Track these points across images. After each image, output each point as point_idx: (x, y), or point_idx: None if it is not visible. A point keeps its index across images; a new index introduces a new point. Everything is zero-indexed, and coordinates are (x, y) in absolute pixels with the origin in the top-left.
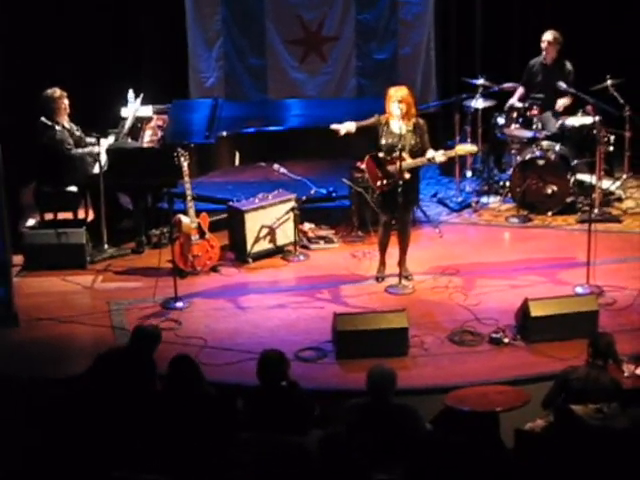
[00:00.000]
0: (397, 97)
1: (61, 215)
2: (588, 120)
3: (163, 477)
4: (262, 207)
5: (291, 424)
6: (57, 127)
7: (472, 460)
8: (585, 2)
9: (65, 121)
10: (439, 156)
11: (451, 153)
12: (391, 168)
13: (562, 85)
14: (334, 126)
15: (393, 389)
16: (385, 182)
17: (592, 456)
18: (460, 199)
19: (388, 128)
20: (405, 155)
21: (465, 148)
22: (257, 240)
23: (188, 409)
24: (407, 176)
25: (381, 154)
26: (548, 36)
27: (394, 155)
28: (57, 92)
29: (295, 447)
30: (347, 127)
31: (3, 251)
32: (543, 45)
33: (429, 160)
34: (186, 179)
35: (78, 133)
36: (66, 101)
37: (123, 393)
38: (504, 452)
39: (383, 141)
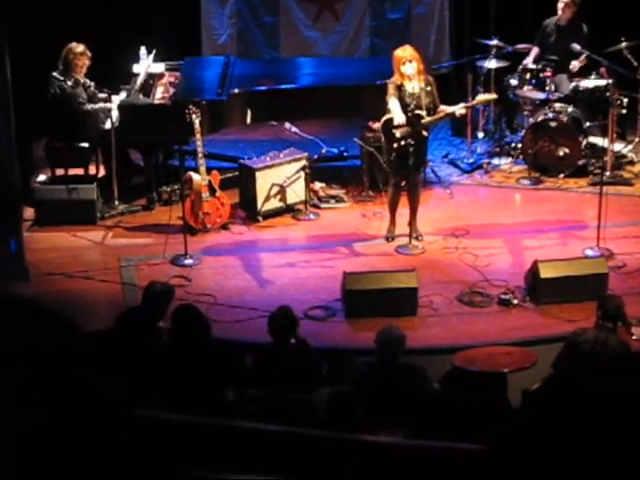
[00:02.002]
0: (407, 57)
1: (72, 171)
2: (601, 82)
3: (185, 416)
4: (273, 165)
5: (299, 381)
6: (69, 82)
7: (478, 419)
8: None
9: (80, 77)
10: (459, 109)
11: (472, 103)
12: (409, 128)
13: (576, 47)
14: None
15: (401, 351)
16: (403, 143)
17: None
18: (471, 160)
19: (403, 89)
20: (422, 113)
21: (486, 97)
22: (267, 198)
23: (194, 360)
24: (425, 134)
25: (404, 119)
26: None
27: (410, 116)
28: (80, 48)
29: (302, 404)
30: (399, 116)
31: (14, 205)
32: (560, 5)
33: (448, 115)
34: (197, 136)
35: (92, 89)
36: (86, 61)
37: (140, 350)
38: (511, 412)
39: (401, 103)
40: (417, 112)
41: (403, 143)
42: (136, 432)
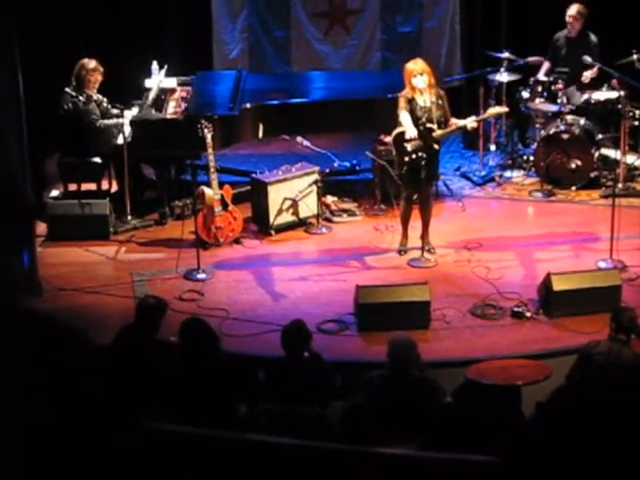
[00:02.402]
0: (419, 70)
1: (85, 186)
2: (613, 94)
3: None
4: (285, 179)
5: (313, 395)
6: (82, 98)
7: (492, 432)
8: None
9: (93, 93)
10: (470, 122)
11: (483, 117)
12: (421, 142)
13: (587, 59)
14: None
15: (414, 359)
16: (414, 156)
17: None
18: (483, 173)
19: (415, 103)
20: (433, 126)
21: (496, 111)
22: (280, 212)
23: (203, 373)
24: (436, 147)
25: (416, 132)
26: (573, 10)
27: (422, 129)
28: (92, 64)
29: (316, 418)
30: (411, 130)
31: (27, 221)
32: (568, 19)
33: (460, 128)
34: (210, 151)
35: (105, 104)
36: (99, 76)
37: (139, 366)
38: (524, 425)
39: (412, 116)
40: (428, 125)
41: (414, 156)
42: (146, 444)
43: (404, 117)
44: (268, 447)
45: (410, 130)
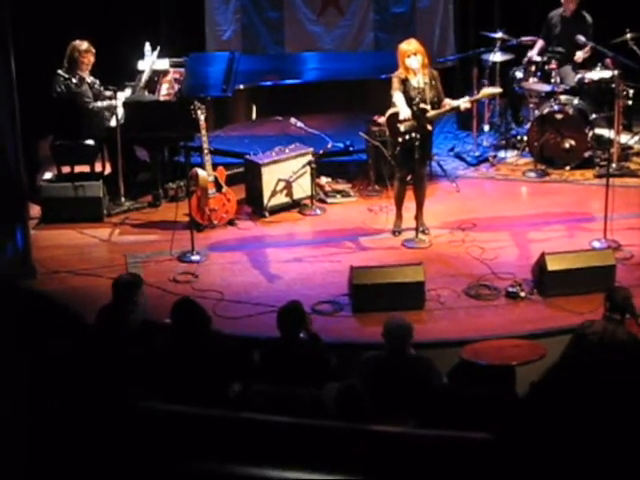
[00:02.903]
0: (412, 50)
1: (78, 168)
2: (607, 74)
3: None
4: (279, 161)
5: (308, 376)
6: (74, 80)
7: (487, 412)
8: None
9: (86, 75)
10: (464, 102)
11: (477, 97)
12: (414, 122)
13: (581, 38)
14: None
15: (409, 340)
16: (407, 137)
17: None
18: (477, 153)
19: (408, 84)
20: (427, 107)
21: (490, 91)
22: (274, 194)
23: (195, 353)
24: (429, 128)
25: (409, 113)
26: None
27: (415, 109)
28: (84, 45)
29: (310, 399)
30: (405, 110)
31: (20, 203)
32: None
33: (453, 108)
34: (203, 132)
35: (97, 86)
36: (91, 58)
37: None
38: (518, 404)
39: (405, 97)
40: (422, 106)
41: (408, 137)
42: (139, 424)
43: (398, 97)
44: (262, 425)
45: (404, 110)
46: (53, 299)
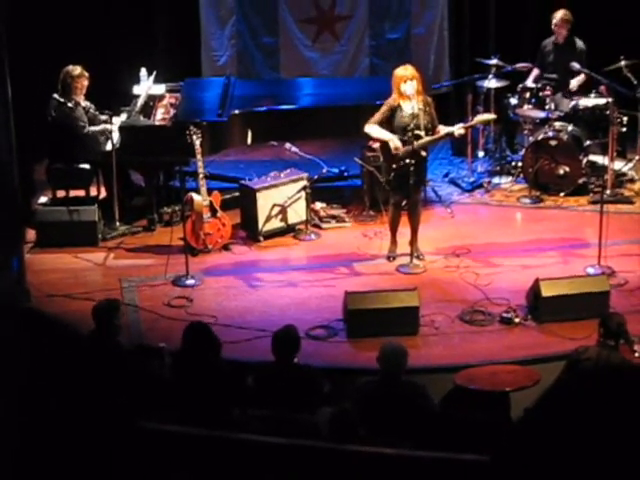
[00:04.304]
0: (409, 76)
1: (73, 192)
2: (601, 101)
3: (189, 428)
4: (274, 186)
5: (302, 401)
6: (69, 104)
7: (481, 438)
8: None
9: (81, 99)
10: (458, 129)
11: (471, 124)
12: (407, 148)
13: (575, 65)
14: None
15: (404, 365)
16: (402, 163)
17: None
18: (472, 179)
19: (401, 109)
20: (421, 133)
21: (484, 117)
22: (269, 219)
23: (204, 377)
24: (424, 154)
25: (400, 143)
26: (559, 15)
27: (409, 135)
28: (77, 70)
29: (305, 423)
30: (394, 140)
31: (15, 227)
32: (554, 26)
33: (447, 135)
34: (198, 157)
35: (92, 111)
36: (85, 82)
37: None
38: (512, 429)
39: (396, 123)
40: (416, 132)
41: (402, 163)
42: (141, 444)
43: (373, 130)
44: (261, 447)
45: (390, 138)
46: (52, 319)
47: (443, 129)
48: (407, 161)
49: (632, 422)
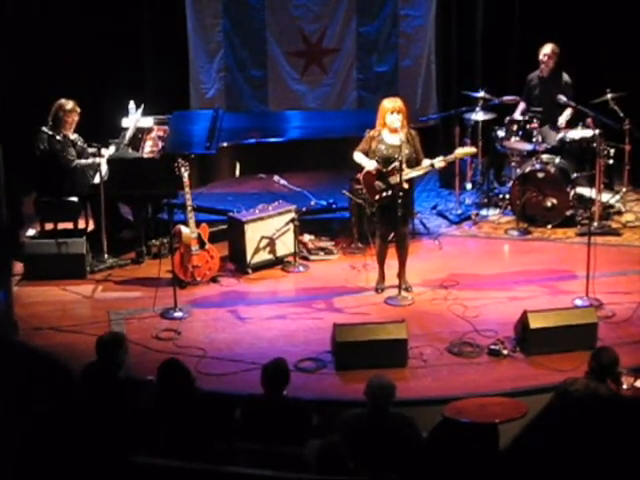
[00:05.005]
0: (395, 108)
1: (61, 225)
2: (588, 133)
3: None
4: (262, 218)
5: (290, 434)
6: (58, 137)
7: (468, 470)
8: (585, 16)
9: (69, 133)
10: (438, 162)
11: (451, 157)
12: (390, 180)
13: (562, 98)
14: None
15: (392, 400)
16: (384, 195)
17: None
18: (460, 211)
19: (382, 140)
20: (403, 166)
21: (464, 151)
22: (257, 251)
23: (180, 412)
24: (406, 186)
25: (376, 165)
26: (547, 49)
27: (393, 167)
28: (70, 105)
29: (292, 456)
30: (370, 164)
31: (3, 260)
32: (542, 58)
33: (430, 167)
34: (186, 189)
35: (81, 144)
36: (76, 117)
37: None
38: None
39: (378, 153)
40: (398, 164)
41: (384, 194)
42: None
43: (357, 157)
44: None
45: (369, 164)
46: (42, 353)
47: (426, 162)
48: (389, 193)
49: (618, 452)
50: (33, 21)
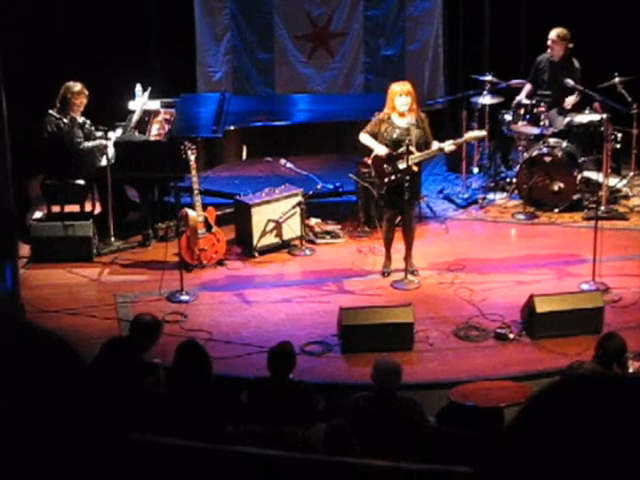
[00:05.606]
0: (404, 91)
1: (68, 208)
2: (595, 117)
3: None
4: (269, 201)
5: (296, 417)
6: (65, 120)
7: (475, 454)
8: None
9: (77, 115)
10: (448, 145)
11: (461, 140)
12: (399, 163)
13: (570, 82)
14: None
15: (399, 381)
16: (393, 178)
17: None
18: (466, 195)
19: (391, 123)
20: (412, 149)
21: (474, 134)
22: (263, 234)
23: (195, 394)
24: (415, 169)
25: (387, 150)
26: (553, 34)
27: (402, 150)
28: (77, 87)
29: (299, 439)
30: (379, 149)
31: (11, 243)
32: (549, 42)
33: (439, 150)
34: (193, 173)
35: (88, 126)
36: (84, 100)
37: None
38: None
39: (387, 136)
40: (408, 147)
41: (393, 177)
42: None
43: (364, 138)
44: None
45: (379, 148)
46: (52, 334)
47: (435, 145)
48: (398, 176)
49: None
50: (40, 3)
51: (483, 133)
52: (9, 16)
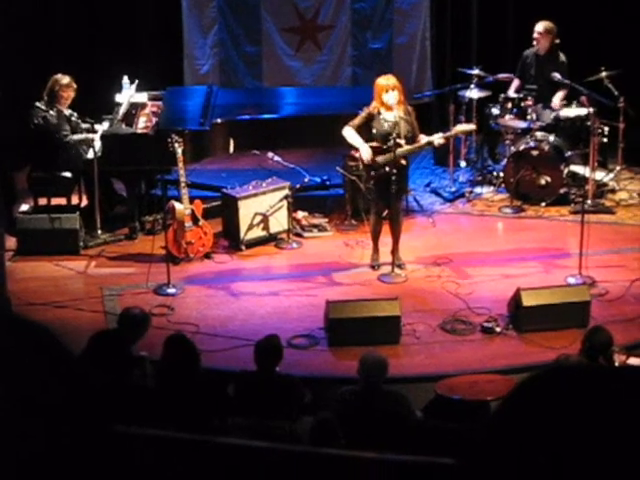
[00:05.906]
0: (390, 85)
1: (55, 200)
2: (582, 111)
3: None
4: (256, 195)
5: (283, 410)
6: (52, 112)
7: (461, 447)
8: None
9: (64, 108)
10: (437, 138)
11: (450, 134)
12: (387, 156)
13: (556, 76)
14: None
15: (384, 376)
16: (382, 171)
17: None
18: (454, 189)
19: (380, 117)
20: (401, 142)
21: (464, 128)
22: (250, 227)
23: (183, 387)
24: (404, 162)
25: (375, 143)
26: (539, 27)
27: (390, 143)
28: (66, 80)
29: (285, 432)
30: (363, 149)
31: None
32: (535, 35)
33: (428, 144)
34: (180, 165)
35: (75, 119)
36: (72, 93)
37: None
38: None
39: (375, 130)
40: (396, 140)
41: (382, 170)
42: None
43: (348, 133)
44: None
45: (364, 150)
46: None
47: (424, 138)
48: (386, 169)
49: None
50: (41, 3)
51: (472, 127)
52: (9, 16)
